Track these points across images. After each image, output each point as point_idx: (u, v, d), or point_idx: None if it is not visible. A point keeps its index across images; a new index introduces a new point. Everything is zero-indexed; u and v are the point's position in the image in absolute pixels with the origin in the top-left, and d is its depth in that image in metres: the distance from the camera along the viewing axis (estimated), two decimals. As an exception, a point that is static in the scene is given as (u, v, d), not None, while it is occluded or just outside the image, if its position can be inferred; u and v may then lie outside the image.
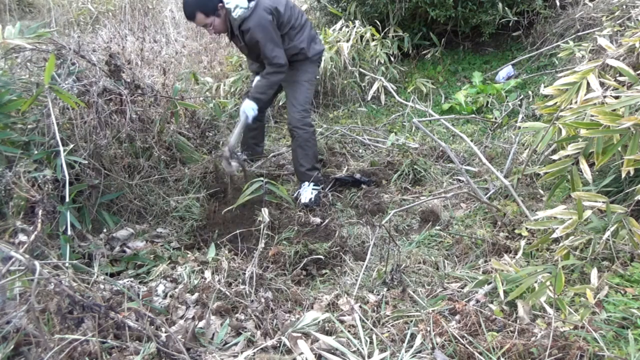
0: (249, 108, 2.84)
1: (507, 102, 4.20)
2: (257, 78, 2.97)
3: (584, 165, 1.95)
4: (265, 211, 2.21)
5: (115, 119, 2.69)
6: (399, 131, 4.05)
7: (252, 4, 2.66)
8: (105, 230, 2.46)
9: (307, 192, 2.99)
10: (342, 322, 1.83)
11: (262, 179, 2.25)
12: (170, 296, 2.01)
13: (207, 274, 2.20)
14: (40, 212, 1.97)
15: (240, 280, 2.08)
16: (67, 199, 2.16)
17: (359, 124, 4.24)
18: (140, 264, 2.31)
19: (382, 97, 4.58)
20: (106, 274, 2.17)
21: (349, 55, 4.47)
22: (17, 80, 2.48)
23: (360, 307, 1.95)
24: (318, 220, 2.79)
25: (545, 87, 2.87)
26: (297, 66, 2.97)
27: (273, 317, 1.86)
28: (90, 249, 2.25)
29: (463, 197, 2.96)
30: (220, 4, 2.63)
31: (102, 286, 1.90)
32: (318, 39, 3.06)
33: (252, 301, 1.91)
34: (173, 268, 2.26)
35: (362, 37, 4.69)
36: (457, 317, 1.81)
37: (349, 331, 1.76)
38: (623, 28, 3.44)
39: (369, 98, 4.60)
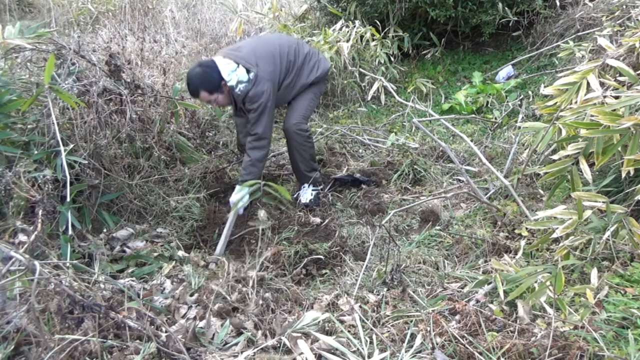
0: (238, 199, 2.69)
1: (507, 102, 4.20)
2: None
3: (584, 165, 1.95)
4: (263, 214, 2.21)
5: (115, 119, 2.69)
6: (399, 131, 4.05)
7: (252, 75, 2.65)
8: (105, 230, 2.46)
9: (307, 194, 2.99)
10: (342, 322, 1.83)
11: (260, 181, 2.24)
12: (172, 296, 2.01)
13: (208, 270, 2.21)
14: (40, 212, 1.97)
15: (242, 284, 2.08)
16: (67, 199, 2.16)
17: (359, 124, 4.24)
18: (141, 263, 2.31)
19: (382, 97, 4.58)
20: (107, 273, 2.18)
21: (349, 55, 4.47)
22: (17, 80, 2.48)
23: (360, 307, 1.95)
24: (318, 220, 2.79)
25: (545, 87, 2.87)
26: (306, 89, 2.98)
27: (273, 317, 1.86)
28: (90, 249, 2.25)
29: (463, 197, 2.96)
30: (223, 82, 2.64)
31: (102, 286, 1.90)
32: (321, 60, 3.03)
33: (250, 308, 1.90)
34: (176, 267, 2.27)
35: (362, 37, 4.69)
36: (457, 317, 1.81)
37: (349, 331, 1.76)
38: (623, 28, 3.44)
39: (369, 98, 4.60)
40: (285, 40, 2.98)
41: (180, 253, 2.42)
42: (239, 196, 2.69)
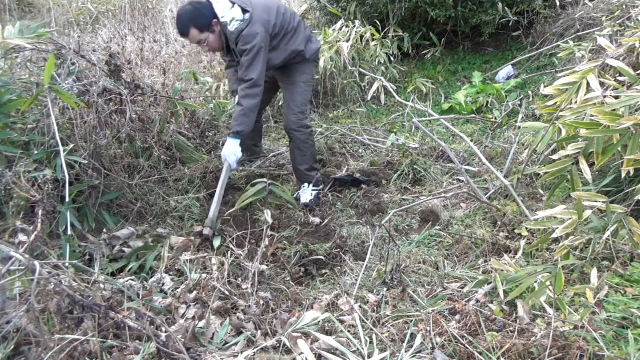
0: (230, 153, 2.62)
1: (507, 102, 4.21)
2: (236, 99, 2.79)
3: (584, 165, 1.95)
4: (268, 213, 2.21)
5: (115, 119, 2.69)
6: (399, 131, 4.05)
7: (247, 15, 2.59)
8: (105, 230, 2.46)
9: (307, 194, 2.99)
10: (342, 322, 1.83)
11: (264, 180, 2.24)
12: (172, 295, 2.01)
13: (211, 263, 2.21)
14: (40, 212, 1.97)
15: (241, 279, 2.08)
16: (67, 199, 2.16)
17: (359, 124, 4.24)
18: (142, 254, 2.32)
19: (382, 97, 4.58)
20: (107, 273, 2.18)
21: (349, 55, 4.47)
22: (17, 80, 2.48)
23: (360, 307, 1.95)
24: (318, 220, 2.79)
25: (545, 87, 2.87)
26: (295, 67, 2.92)
27: (273, 317, 1.86)
28: (90, 249, 2.25)
29: (463, 197, 2.96)
30: (215, 20, 2.57)
31: (102, 286, 1.90)
32: (314, 37, 3.01)
33: (250, 306, 1.91)
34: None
35: (362, 37, 4.70)
36: (457, 317, 1.81)
37: (349, 331, 1.76)
38: (623, 28, 3.44)
39: (369, 98, 4.60)
40: (282, 3, 2.95)
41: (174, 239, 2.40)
42: (231, 149, 2.59)
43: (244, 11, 2.60)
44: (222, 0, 2.61)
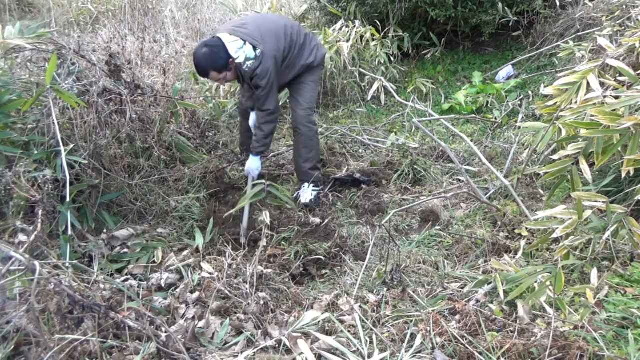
0: (253, 168, 2.91)
1: (507, 102, 4.20)
2: (253, 116, 3.04)
3: (584, 165, 1.95)
4: (266, 213, 2.21)
5: (115, 119, 2.69)
6: (399, 131, 4.05)
7: (259, 52, 2.68)
8: (105, 230, 2.46)
9: (307, 193, 2.99)
10: (342, 322, 1.83)
11: (263, 181, 2.25)
12: (172, 294, 2.02)
13: (205, 266, 2.21)
14: (40, 212, 1.97)
15: (241, 279, 2.08)
16: (68, 199, 2.16)
17: (359, 124, 4.24)
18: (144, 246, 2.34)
19: (382, 97, 4.58)
20: (108, 274, 2.18)
21: (349, 55, 4.47)
22: (17, 80, 2.48)
23: (360, 307, 1.95)
24: (318, 220, 2.79)
25: (545, 87, 2.87)
26: (303, 73, 3.01)
27: (273, 317, 1.86)
28: (90, 249, 2.25)
29: (463, 197, 2.96)
30: (231, 60, 2.67)
31: (102, 286, 1.90)
32: (319, 45, 3.08)
33: (249, 304, 1.91)
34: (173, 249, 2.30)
35: (362, 37, 4.69)
36: (457, 317, 1.81)
37: (349, 331, 1.76)
38: (623, 28, 3.44)
39: (369, 98, 4.59)
40: (287, 19, 3.04)
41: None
42: (254, 165, 2.89)
43: (255, 48, 2.69)
44: (233, 39, 2.68)
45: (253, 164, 2.91)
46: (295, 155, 3.07)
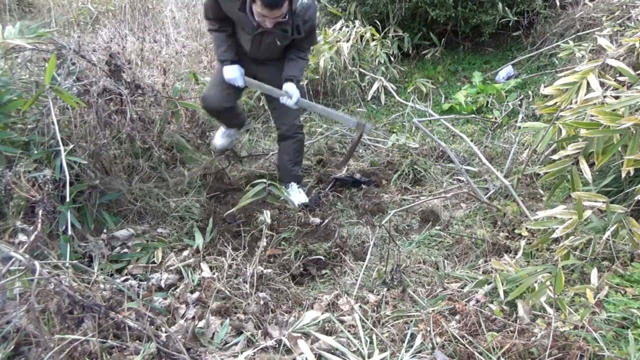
0: (296, 92, 2.81)
1: (507, 102, 4.20)
2: (238, 70, 2.82)
3: (584, 165, 1.95)
4: (267, 213, 2.22)
5: (115, 119, 2.69)
6: (399, 131, 4.05)
7: None
8: (105, 230, 2.46)
9: (300, 194, 3.00)
10: (342, 322, 1.83)
11: (264, 180, 2.25)
12: (172, 294, 2.02)
13: (205, 266, 2.22)
14: (40, 212, 1.97)
15: (241, 279, 2.08)
16: (67, 199, 2.16)
17: (359, 124, 4.23)
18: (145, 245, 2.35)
19: (382, 97, 4.57)
20: (108, 274, 2.18)
21: (349, 55, 4.47)
22: (17, 80, 2.48)
23: (360, 307, 1.95)
24: (318, 220, 2.79)
25: (545, 87, 2.87)
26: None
27: (273, 317, 1.86)
28: (90, 249, 2.25)
29: (463, 197, 2.96)
30: None
31: (102, 286, 1.90)
32: None
33: (249, 304, 1.91)
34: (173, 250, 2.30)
35: (362, 37, 4.69)
36: (457, 317, 1.81)
37: (349, 331, 1.76)
38: (623, 28, 3.45)
39: (369, 98, 4.59)
40: None
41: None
42: (293, 90, 2.81)
43: None
44: None
45: (293, 90, 2.80)
46: (286, 159, 3.00)
